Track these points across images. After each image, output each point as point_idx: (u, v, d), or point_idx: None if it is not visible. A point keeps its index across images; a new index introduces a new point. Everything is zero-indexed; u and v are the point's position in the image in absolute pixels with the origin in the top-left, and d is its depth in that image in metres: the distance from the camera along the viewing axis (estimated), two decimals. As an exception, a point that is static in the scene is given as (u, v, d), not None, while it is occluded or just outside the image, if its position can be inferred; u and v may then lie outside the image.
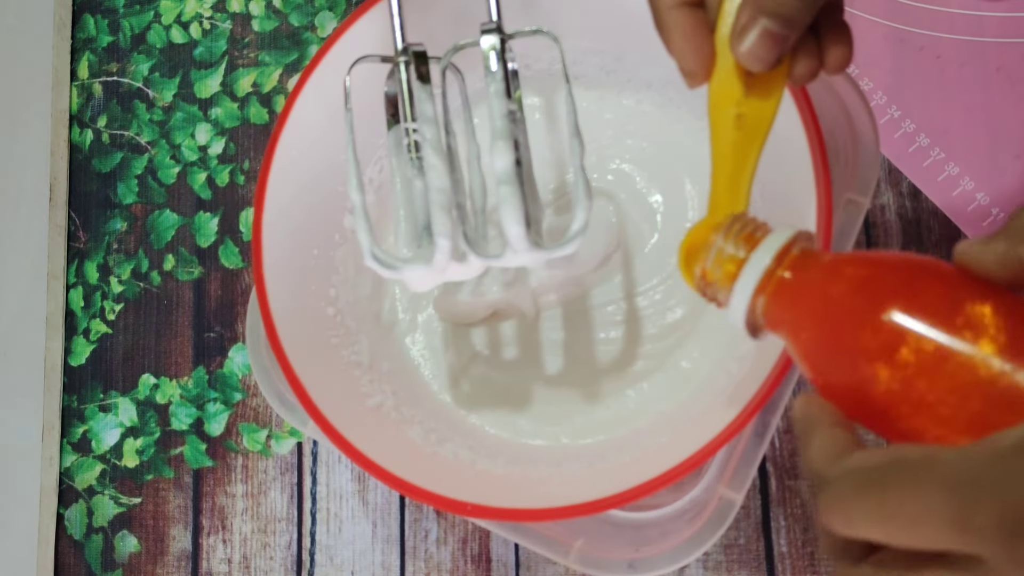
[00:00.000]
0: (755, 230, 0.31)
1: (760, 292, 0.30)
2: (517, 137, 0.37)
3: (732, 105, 0.32)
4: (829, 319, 0.28)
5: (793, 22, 0.30)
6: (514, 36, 0.39)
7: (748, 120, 0.32)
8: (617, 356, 0.47)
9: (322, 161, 0.45)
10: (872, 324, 0.27)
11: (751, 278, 0.30)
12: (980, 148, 0.51)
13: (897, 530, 0.23)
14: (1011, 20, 0.52)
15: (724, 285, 0.31)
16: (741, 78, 0.32)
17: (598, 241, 0.48)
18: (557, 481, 0.43)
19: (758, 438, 0.41)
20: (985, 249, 0.27)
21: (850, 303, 0.28)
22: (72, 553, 0.55)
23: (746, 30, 0.30)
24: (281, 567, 0.53)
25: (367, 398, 0.45)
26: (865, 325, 0.27)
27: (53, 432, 0.56)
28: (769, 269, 0.30)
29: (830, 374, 0.29)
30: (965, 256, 0.28)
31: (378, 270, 0.36)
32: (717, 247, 0.31)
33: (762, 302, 0.30)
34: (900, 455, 0.24)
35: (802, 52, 0.32)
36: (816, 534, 0.48)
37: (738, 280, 0.30)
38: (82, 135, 0.60)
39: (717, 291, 0.31)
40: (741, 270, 0.30)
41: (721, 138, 0.33)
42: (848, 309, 0.28)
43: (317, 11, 0.59)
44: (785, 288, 0.30)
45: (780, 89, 0.32)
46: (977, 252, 0.27)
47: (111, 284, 0.58)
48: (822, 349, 0.29)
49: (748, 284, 0.30)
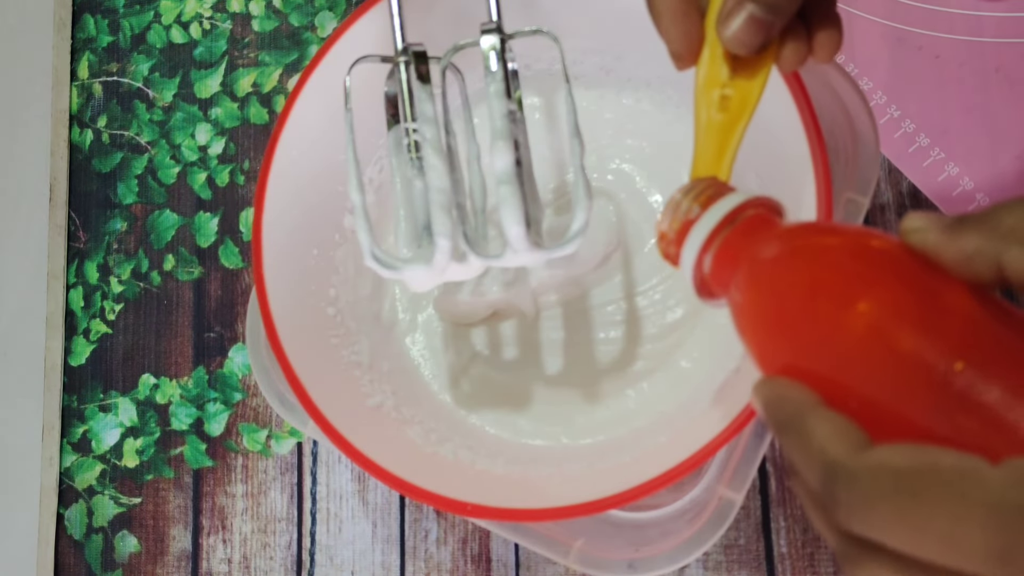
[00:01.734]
0: (716, 193, 0.31)
1: (706, 250, 0.30)
2: (517, 137, 0.37)
3: (717, 87, 0.33)
4: (768, 289, 0.28)
5: (779, 9, 0.30)
6: (514, 36, 0.39)
7: (733, 102, 0.33)
8: (617, 356, 0.47)
9: (322, 161, 0.45)
10: (806, 306, 0.27)
11: (699, 235, 0.30)
12: (980, 148, 0.51)
13: (926, 545, 0.22)
14: (1010, 20, 0.52)
15: (675, 241, 0.31)
16: (727, 61, 0.33)
17: (598, 241, 0.48)
18: (557, 481, 0.43)
19: (758, 438, 0.41)
20: (950, 242, 0.25)
21: (789, 276, 0.27)
22: (72, 553, 0.55)
23: (732, 15, 0.30)
24: (281, 567, 0.53)
25: (367, 398, 0.45)
26: (799, 303, 0.27)
27: (53, 432, 0.56)
28: (715, 228, 0.30)
29: (765, 346, 0.28)
30: (922, 243, 0.25)
31: (378, 270, 0.36)
32: (676, 204, 0.31)
33: (708, 262, 0.30)
34: (933, 461, 0.22)
35: (790, 38, 0.32)
36: (818, 530, 0.48)
37: (688, 236, 0.31)
38: (82, 135, 0.60)
39: (671, 248, 0.32)
40: (691, 228, 0.31)
41: (704, 118, 0.33)
42: (788, 282, 0.27)
43: (317, 11, 0.59)
44: (729, 248, 0.30)
45: (766, 73, 0.33)
46: (938, 243, 0.25)
47: (111, 284, 0.58)
48: (760, 319, 0.28)
49: (696, 240, 0.30)
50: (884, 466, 0.23)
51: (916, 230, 0.25)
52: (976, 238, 0.24)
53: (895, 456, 0.23)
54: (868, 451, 0.23)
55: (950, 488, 0.21)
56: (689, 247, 0.31)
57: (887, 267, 0.26)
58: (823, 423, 0.24)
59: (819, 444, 0.24)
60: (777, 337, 0.28)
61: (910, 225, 0.26)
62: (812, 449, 0.24)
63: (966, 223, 0.25)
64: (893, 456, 0.23)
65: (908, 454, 0.23)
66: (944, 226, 0.25)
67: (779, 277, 0.28)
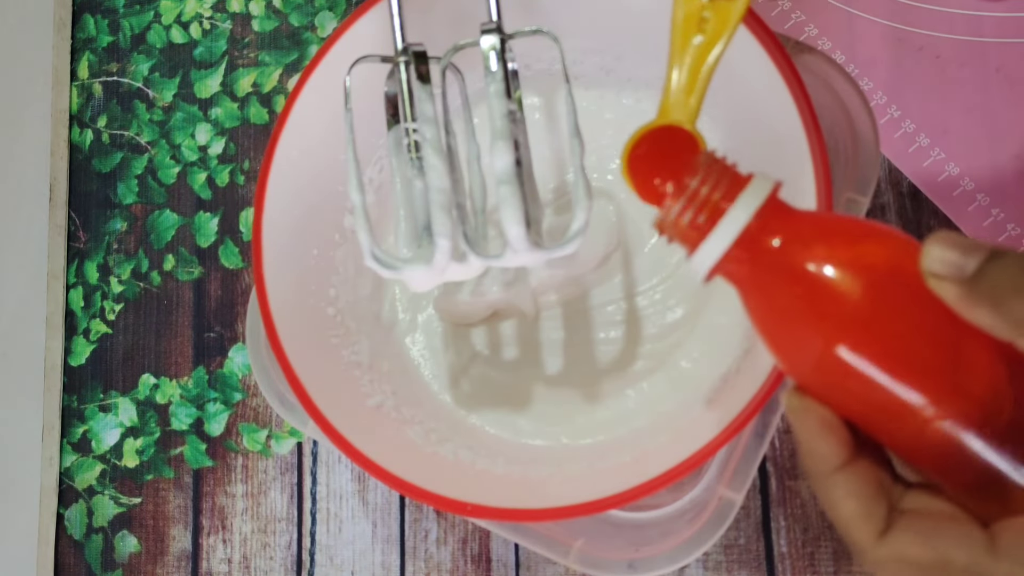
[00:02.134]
0: (734, 179, 0.30)
1: (741, 244, 0.29)
2: (517, 137, 0.37)
3: (697, 7, 0.33)
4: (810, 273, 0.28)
5: None
6: (514, 36, 0.39)
7: (712, 24, 0.33)
8: (617, 356, 0.47)
9: (322, 161, 0.45)
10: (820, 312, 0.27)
11: (733, 227, 0.29)
12: (980, 148, 0.51)
13: None
14: (1011, 20, 0.52)
15: (695, 235, 0.30)
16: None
17: (598, 241, 0.48)
18: (557, 481, 0.43)
19: (758, 438, 0.41)
20: (965, 309, 0.25)
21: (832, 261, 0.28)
22: (72, 553, 0.55)
23: None
24: (281, 567, 0.53)
25: (367, 398, 0.45)
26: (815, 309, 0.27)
27: (53, 432, 0.56)
28: (750, 225, 0.29)
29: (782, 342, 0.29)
30: (939, 293, 0.26)
31: (378, 270, 0.36)
32: (692, 193, 0.30)
33: (730, 254, 0.30)
34: (946, 557, 0.25)
35: None
36: (815, 535, 0.48)
37: (717, 227, 0.29)
38: (82, 135, 0.60)
39: (688, 236, 0.30)
40: (718, 221, 0.29)
41: (681, 40, 0.33)
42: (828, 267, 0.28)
43: (317, 11, 0.59)
44: (760, 237, 0.29)
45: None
46: (955, 303, 0.26)
47: (111, 284, 0.58)
48: (781, 320, 0.29)
49: (729, 233, 0.29)
50: (903, 559, 0.26)
51: (934, 276, 0.26)
52: (988, 318, 0.25)
53: (912, 548, 0.26)
54: (887, 541, 0.26)
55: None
56: (719, 239, 0.29)
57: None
58: (848, 501, 0.27)
59: (843, 520, 0.27)
60: (816, 318, 0.28)
61: (929, 267, 0.26)
62: (837, 519, 0.27)
63: (982, 284, 0.25)
64: (911, 548, 0.26)
65: (924, 547, 0.26)
66: (963, 283, 0.25)
67: (821, 262, 0.28)
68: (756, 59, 0.39)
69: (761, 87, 0.40)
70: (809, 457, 0.28)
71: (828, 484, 0.27)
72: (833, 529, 0.48)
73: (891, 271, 0.27)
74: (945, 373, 0.27)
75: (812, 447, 0.28)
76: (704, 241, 0.29)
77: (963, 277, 0.25)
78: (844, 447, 0.27)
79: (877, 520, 0.26)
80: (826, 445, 0.27)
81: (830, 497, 0.27)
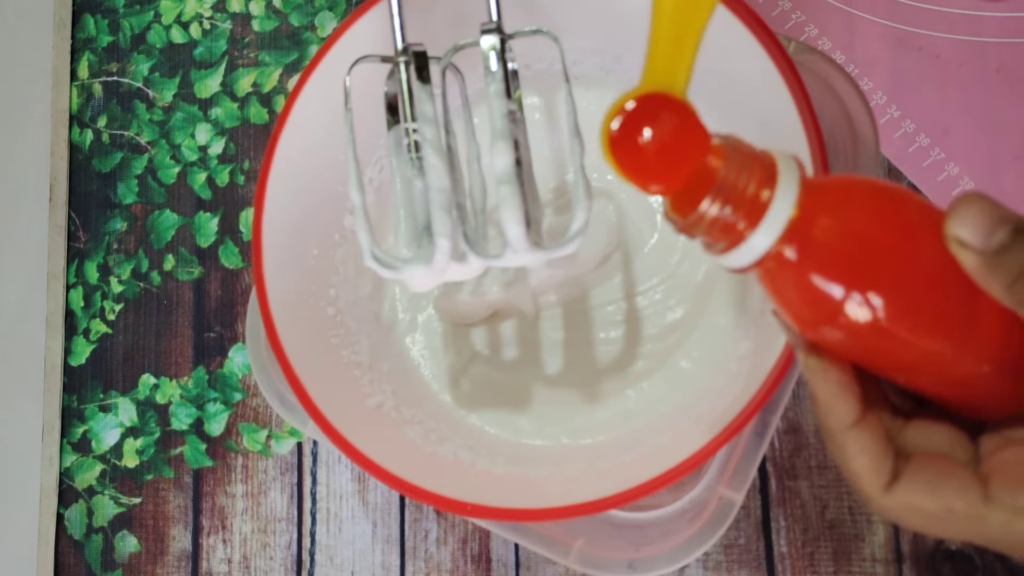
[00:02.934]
0: (766, 163, 0.28)
1: (789, 233, 0.28)
2: (517, 137, 0.37)
3: None
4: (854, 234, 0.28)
5: None
6: (514, 36, 0.39)
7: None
8: (617, 356, 0.47)
9: (322, 161, 0.45)
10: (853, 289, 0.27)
11: (780, 217, 0.28)
12: (980, 148, 0.51)
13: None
14: (1011, 20, 0.52)
15: (733, 232, 0.28)
16: None
17: (598, 241, 0.48)
18: (557, 481, 0.43)
19: (758, 438, 0.41)
20: (986, 280, 0.26)
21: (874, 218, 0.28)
22: (72, 553, 0.55)
23: None
24: (281, 567, 0.53)
25: (367, 398, 0.45)
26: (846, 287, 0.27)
27: (53, 432, 0.56)
28: (795, 205, 0.28)
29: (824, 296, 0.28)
30: (961, 260, 0.27)
31: (378, 270, 0.36)
32: (731, 184, 0.28)
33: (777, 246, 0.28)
34: (949, 506, 0.28)
35: None
36: (815, 535, 0.48)
37: (764, 219, 0.28)
38: (82, 135, 0.60)
39: (722, 233, 0.28)
40: (763, 216, 0.28)
41: (666, 4, 0.29)
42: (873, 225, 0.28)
43: (317, 11, 0.59)
44: (798, 228, 0.28)
45: None
46: (976, 273, 0.26)
47: (111, 284, 0.58)
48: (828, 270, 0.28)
49: (777, 223, 0.28)
50: (908, 507, 0.29)
51: (957, 242, 0.26)
52: (1002, 294, 0.26)
53: (917, 498, 0.28)
54: (893, 492, 0.29)
55: (963, 527, 0.28)
56: (764, 235, 0.28)
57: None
58: (859, 457, 0.29)
59: (854, 474, 0.29)
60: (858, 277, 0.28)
61: (953, 233, 0.26)
62: (848, 472, 0.29)
63: (1001, 261, 0.26)
64: (915, 498, 0.28)
65: (927, 496, 0.28)
66: (986, 252, 0.26)
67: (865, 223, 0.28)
68: (756, 59, 0.39)
69: (761, 87, 0.40)
70: (826, 414, 0.29)
71: (841, 440, 0.29)
72: (833, 529, 0.48)
73: (914, 228, 0.28)
74: (968, 323, 0.28)
75: (830, 405, 0.29)
76: (747, 238, 0.28)
77: (985, 249, 0.26)
78: (858, 404, 0.29)
79: (884, 474, 0.29)
80: (842, 403, 0.29)
81: (844, 453, 0.29)
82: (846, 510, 0.48)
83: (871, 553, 0.48)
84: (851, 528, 0.48)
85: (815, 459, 0.49)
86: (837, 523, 0.48)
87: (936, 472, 0.29)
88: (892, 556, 0.47)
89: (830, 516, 0.48)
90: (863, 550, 0.48)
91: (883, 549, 0.47)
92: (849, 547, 0.48)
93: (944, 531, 0.29)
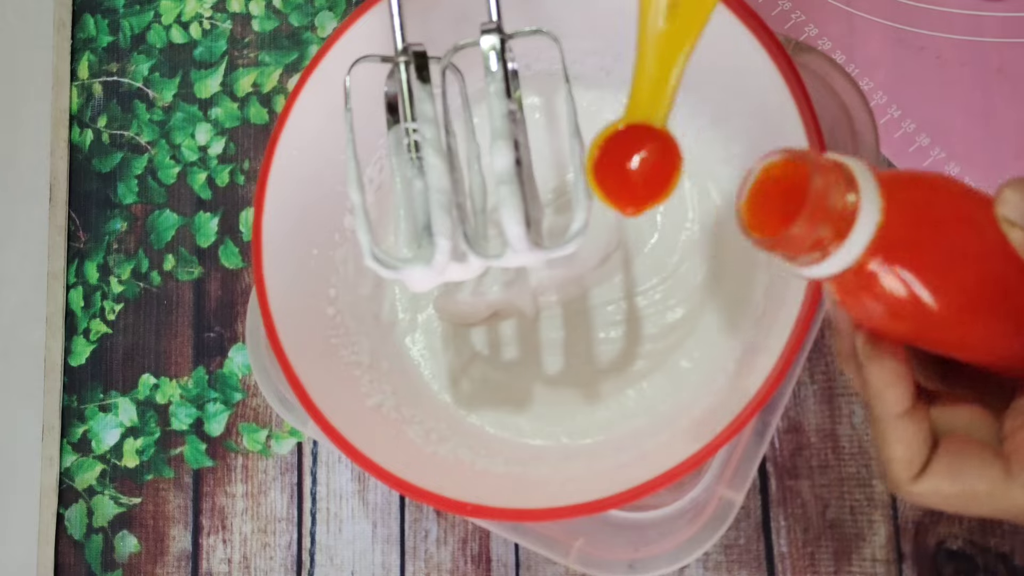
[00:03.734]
0: (845, 169, 0.28)
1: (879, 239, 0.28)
2: (517, 137, 0.37)
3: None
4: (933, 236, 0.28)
5: None
6: (514, 36, 0.39)
7: (683, 11, 0.30)
8: (617, 356, 0.47)
9: (322, 161, 0.45)
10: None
11: (870, 220, 0.27)
12: (980, 148, 0.51)
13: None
14: (1011, 20, 0.52)
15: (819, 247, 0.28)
16: None
17: (598, 241, 0.47)
18: (557, 481, 0.43)
19: (758, 438, 0.41)
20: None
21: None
22: (72, 553, 0.55)
23: None
24: (281, 567, 0.53)
25: (367, 398, 0.45)
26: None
27: (53, 432, 0.56)
28: (880, 224, 0.27)
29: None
30: (1011, 238, 0.28)
31: (378, 270, 0.36)
32: (823, 195, 0.27)
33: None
34: (972, 489, 0.30)
35: None
36: (815, 535, 0.48)
37: (856, 226, 0.27)
38: (82, 135, 0.60)
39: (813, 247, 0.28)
40: (851, 229, 0.27)
41: (650, 29, 0.30)
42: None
43: (317, 11, 0.59)
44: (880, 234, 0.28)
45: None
46: (1022, 244, 0.28)
47: (111, 284, 0.58)
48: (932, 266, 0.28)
49: (868, 228, 0.27)
50: (936, 493, 0.30)
51: (1007, 221, 0.28)
52: None
53: (942, 485, 0.30)
54: (921, 481, 0.30)
55: (988, 505, 0.30)
56: (856, 241, 0.27)
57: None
58: (898, 446, 0.30)
59: (888, 459, 0.31)
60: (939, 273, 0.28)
61: (1004, 213, 0.28)
62: (883, 455, 0.31)
63: None
64: (940, 485, 0.30)
65: (952, 482, 0.30)
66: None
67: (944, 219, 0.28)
68: (756, 59, 0.39)
69: (761, 87, 0.40)
70: (877, 401, 0.30)
71: (886, 427, 0.30)
72: (833, 529, 0.48)
73: (974, 216, 0.29)
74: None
75: (882, 393, 0.30)
76: (836, 251, 0.27)
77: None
78: (910, 395, 0.30)
79: (916, 465, 0.30)
80: (894, 392, 0.30)
81: (885, 438, 0.30)
82: (847, 510, 0.48)
83: (872, 553, 0.47)
84: (852, 528, 0.48)
85: (815, 459, 0.49)
86: (838, 523, 0.48)
87: (956, 455, 0.30)
88: (893, 556, 0.47)
89: (830, 516, 0.48)
90: (864, 550, 0.48)
91: (884, 549, 0.47)
92: (850, 547, 0.48)
93: (971, 510, 0.30)
